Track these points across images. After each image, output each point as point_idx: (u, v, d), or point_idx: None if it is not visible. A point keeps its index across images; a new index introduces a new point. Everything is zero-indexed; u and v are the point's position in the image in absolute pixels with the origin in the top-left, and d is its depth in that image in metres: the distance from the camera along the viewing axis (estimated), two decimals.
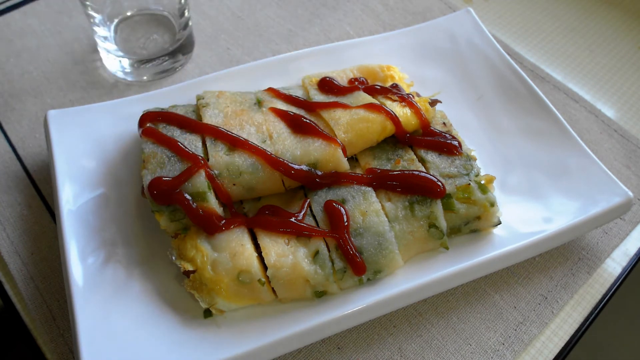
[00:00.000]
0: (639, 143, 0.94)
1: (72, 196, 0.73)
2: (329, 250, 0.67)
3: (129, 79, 0.97)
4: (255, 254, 0.66)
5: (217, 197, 0.69)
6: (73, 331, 0.62)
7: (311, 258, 0.66)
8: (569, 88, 1.01)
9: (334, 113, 0.75)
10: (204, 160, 0.69)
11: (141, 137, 0.73)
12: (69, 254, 0.67)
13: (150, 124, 0.74)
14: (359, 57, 0.91)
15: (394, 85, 0.83)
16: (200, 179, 0.67)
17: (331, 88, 0.81)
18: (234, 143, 0.71)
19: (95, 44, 0.99)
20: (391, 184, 0.72)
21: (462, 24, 0.97)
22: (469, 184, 0.72)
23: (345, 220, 0.68)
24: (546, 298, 0.76)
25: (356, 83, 0.83)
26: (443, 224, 0.70)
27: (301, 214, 0.69)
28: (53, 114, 0.79)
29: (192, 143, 0.72)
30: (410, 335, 0.72)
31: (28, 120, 0.92)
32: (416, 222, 0.70)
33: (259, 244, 0.67)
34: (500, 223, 0.73)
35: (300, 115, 0.75)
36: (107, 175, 0.77)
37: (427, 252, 0.72)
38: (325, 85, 0.81)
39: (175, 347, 0.63)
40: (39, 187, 0.84)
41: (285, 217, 0.69)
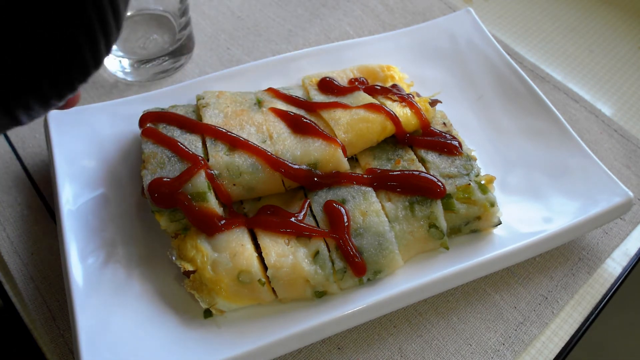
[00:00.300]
0: (639, 143, 0.94)
1: (72, 196, 0.73)
2: (329, 251, 0.66)
3: (129, 79, 0.97)
4: (256, 254, 0.66)
5: (217, 198, 0.69)
6: (73, 331, 0.62)
7: (311, 258, 0.66)
8: (569, 88, 1.01)
9: (334, 113, 0.75)
10: (204, 161, 0.69)
11: (141, 137, 0.73)
12: (69, 254, 0.67)
13: (150, 124, 0.74)
14: (359, 57, 0.91)
15: (394, 85, 0.83)
16: (200, 179, 0.67)
17: (331, 88, 0.81)
18: (234, 143, 0.71)
19: None
20: (391, 184, 0.72)
21: (462, 24, 0.97)
22: (469, 184, 0.72)
23: (345, 220, 0.68)
24: (546, 298, 0.76)
25: (356, 83, 0.83)
26: (443, 224, 0.70)
27: (301, 214, 0.69)
28: (53, 114, 0.79)
29: (192, 143, 0.72)
30: (410, 336, 0.72)
31: None
32: (416, 222, 0.70)
33: (259, 244, 0.67)
34: (500, 223, 0.73)
35: (301, 115, 0.75)
36: (107, 175, 0.77)
37: (427, 252, 0.72)
38: (325, 85, 0.81)
39: (175, 347, 0.63)
40: (39, 187, 0.83)
41: (286, 217, 0.69)
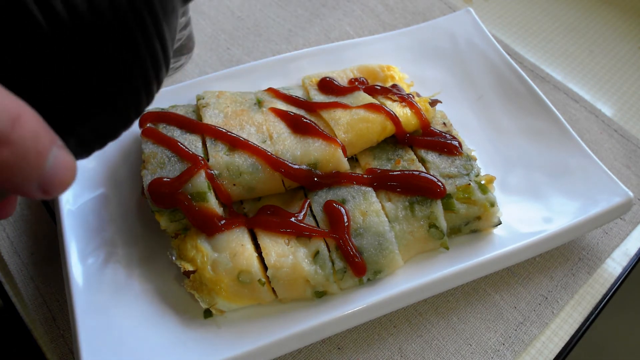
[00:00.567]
0: (639, 143, 0.94)
1: (72, 196, 0.73)
2: (329, 251, 0.66)
3: None
4: (256, 254, 0.66)
5: (217, 197, 0.69)
6: (73, 331, 0.62)
7: (311, 258, 0.66)
8: (569, 88, 1.01)
9: (334, 113, 0.75)
10: (204, 161, 0.69)
11: (141, 137, 0.73)
12: (69, 254, 0.67)
13: (150, 124, 0.74)
14: (359, 57, 0.91)
15: (394, 85, 0.83)
16: (200, 179, 0.67)
17: (331, 88, 0.81)
18: (234, 143, 0.71)
19: None
20: (391, 184, 0.72)
21: (462, 24, 0.97)
22: (469, 184, 0.72)
23: (345, 220, 0.68)
24: (546, 298, 0.76)
25: (356, 83, 0.83)
26: (443, 224, 0.70)
27: (301, 214, 0.69)
28: None
29: (192, 143, 0.72)
30: (410, 336, 0.72)
31: None
32: (416, 222, 0.70)
33: (259, 244, 0.67)
34: (500, 223, 0.73)
35: (301, 115, 0.75)
36: (107, 175, 0.77)
37: (427, 252, 0.72)
38: (325, 85, 0.81)
39: (175, 347, 0.63)
40: None
41: (286, 217, 0.68)
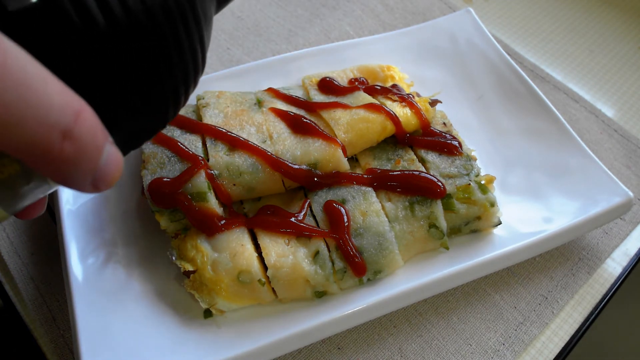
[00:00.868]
0: (639, 143, 0.94)
1: (72, 196, 0.73)
2: (329, 251, 0.66)
3: None
4: (256, 254, 0.66)
5: (217, 197, 0.69)
6: (73, 331, 0.62)
7: (311, 258, 0.66)
8: (569, 88, 1.01)
9: (334, 113, 0.75)
10: (204, 161, 0.69)
11: None
12: (69, 254, 0.67)
13: None
14: (359, 57, 0.91)
15: (394, 85, 0.83)
16: (200, 179, 0.67)
17: (331, 88, 0.80)
18: (234, 143, 0.71)
19: None
20: (391, 184, 0.72)
21: (462, 24, 0.97)
22: (469, 184, 0.72)
23: (345, 220, 0.68)
24: (546, 298, 0.76)
25: (356, 83, 0.83)
26: (443, 224, 0.70)
27: (301, 214, 0.69)
28: None
29: (192, 143, 0.72)
30: (410, 336, 0.72)
31: None
32: (416, 222, 0.70)
33: (259, 244, 0.67)
34: (500, 223, 0.73)
35: (301, 115, 0.75)
36: None
37: (427, 252, 0.72)
38: (325, 85, 0.81)
39: (175, 347, 0.63)
40: None
41: (286, 217, 0.69)
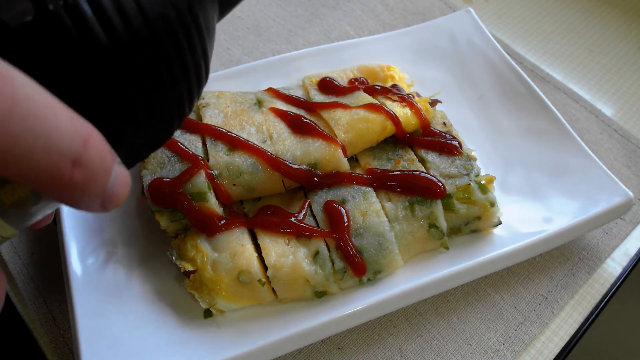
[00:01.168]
0: (639, 143, 0.94)
1: None
2: (329, 251, 0.66)
3: None
4: (256, 254, 0.66)
5: (217, 197, 0.69)
6: (73, 331, 0.62)
7: (311, 258, 0.66)
8: (569, 88, 1.01)
9: (334, 113, 0.75)
10: (204, 161, 0.69)
11: None
12: (69, 254, 0.67)
13: None
14: (359, 57, 0.91)
15: (394, 85, 0.83)
16: (200, 179, 0.67)
17: (331, 88, 0.80)
18: (234, 143, 0.71)
19: None
20: (391, 184, 0.72)
21: (462, 24, 0.97)
22: (469, 184, 0.72)
23: (345, 220, 0.68)
24: (546, 298, 0.76)
25: (356, 83, 0.83)
26: (443, 224, 0.70)
27: (301, 214, 0.69)
28: None
29: (192, 143, 0.72)
30: (410, 336, 0.72)
31: None
32: (416, 222, 0.70)
33: (259, 244, 0.67)
34: (500, 223, 0.73)
35: (301, 115, 0.75)
36: None
37: (427, 252, 0.72)
38: (325, 85, 0.81)
39: (175, 347, 0.63)
40: None
41: (286, 217, 0.68)
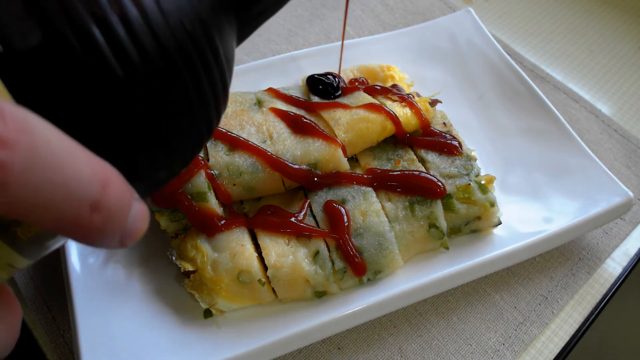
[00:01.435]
0: (639, 143, 0.94)
1: None
2: (329, 251, 0.66)
3: None
4: (256, 254, 0.66)
5: (217, 198, 0.69)
6: (73, 331, 0.62)
7: (311, 258, 0.66)
8: (569, 88, 1.01)
9: (334, 113, 0.75)
10: (204, 161, 0.69)
11: None
12: (69, 254, 0.67)
13: None
14: (359, 57, 0.91)
15: (394, 85, 0.83)
16: (200, 179, 0.67)
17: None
18: (234, 143, 0.71)
19: None
20: (391, 184, 0.72)
21: (462, 24, 0.97)
22: (469, 184, 0.72)
23: (345, 220, 0.68)
24: (546, 298, 0.76)
25: (356, 83, 0.83)
26: (443, 224, 0.70)
27: (301, 214, 0.69)
28: None
29: None
30: (410, 336, 0.72)
31: None
32: (416, 222, 0.70)
33: (259, 244, 0.67)
34: (500, 223, 0.73)
35: (301, 115, 0.75)
36: None
37: (427, 252, 0.72)
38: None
39: (175, 347, 0.63)
40: None
41: (286, 217, 0.68)
